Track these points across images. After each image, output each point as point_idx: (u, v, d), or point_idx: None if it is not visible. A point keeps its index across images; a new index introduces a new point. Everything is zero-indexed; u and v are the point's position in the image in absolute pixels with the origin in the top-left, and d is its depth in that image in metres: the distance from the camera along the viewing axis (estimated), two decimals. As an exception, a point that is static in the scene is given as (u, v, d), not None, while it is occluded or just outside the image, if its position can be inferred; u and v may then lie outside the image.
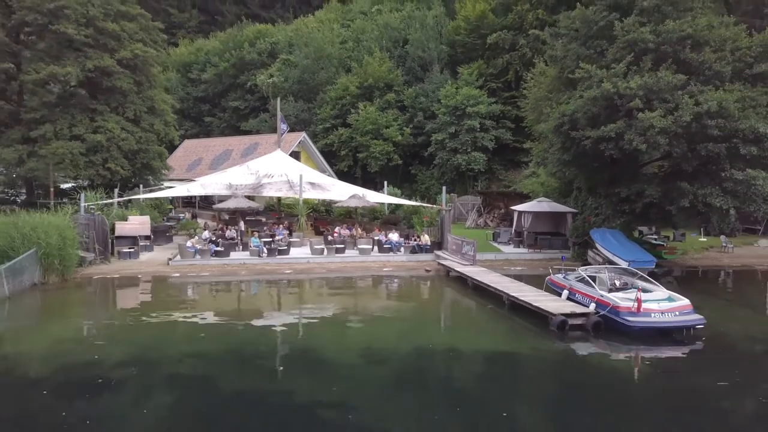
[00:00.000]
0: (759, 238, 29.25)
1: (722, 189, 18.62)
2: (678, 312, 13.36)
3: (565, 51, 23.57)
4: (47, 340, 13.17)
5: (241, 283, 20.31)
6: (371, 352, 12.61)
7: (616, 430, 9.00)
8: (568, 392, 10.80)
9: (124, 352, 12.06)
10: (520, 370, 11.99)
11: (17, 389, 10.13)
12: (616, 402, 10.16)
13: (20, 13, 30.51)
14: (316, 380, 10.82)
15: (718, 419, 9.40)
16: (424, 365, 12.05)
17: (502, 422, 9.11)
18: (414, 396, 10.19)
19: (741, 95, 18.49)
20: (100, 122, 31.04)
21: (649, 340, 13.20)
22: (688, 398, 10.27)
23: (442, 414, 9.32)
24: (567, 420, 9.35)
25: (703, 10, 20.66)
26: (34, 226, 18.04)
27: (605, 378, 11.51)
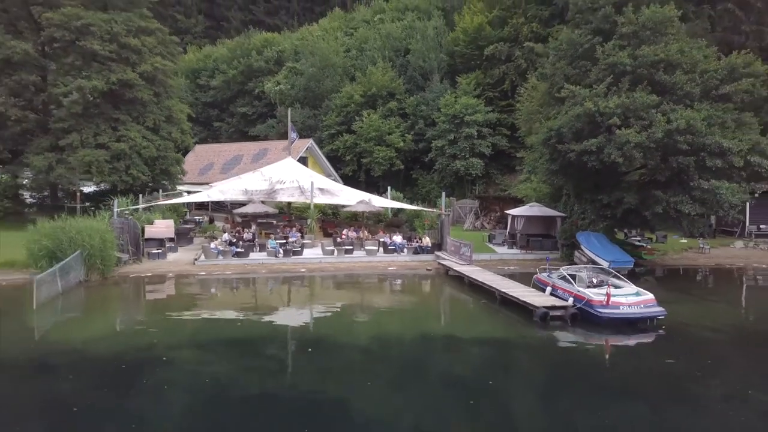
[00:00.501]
0: (735, 240, 31.54)
1: (691, 197, 20.91)
2: (643, 305, 15.64)
3: (553, 69, 25.89)
4: (107, 327, 15.48)
5: (262, 280, 22.58)
6: (382, 338, 14.92)
7: (586, 397, 11.30)
8: (547, 370, 13.13)
9: (176, 337, 14.38)
10: (508, 352, 14.29)
11: (101, 364, 12.45)
12: (587, 377, 12.47)
13: (49, 30, 32.77)
14: (338, 358, 13.13)
15: (660, 384, 11.68)
16: (426, 348, 14.39)
17: (489, 388, 11.42)
18: (417, 371, 12.50)
19: (708, 113, 20.77)
20: (122, 131, 33.32)
21: (618, 329, 15.47)
22: (640, 372, 12.62)
23: (441, 384, 11.62)
24: (545, 389, 11.69)
25: (676, 36, 22.84)
26: (79, 230, 20.32)
27: (579, 358, 13.84)
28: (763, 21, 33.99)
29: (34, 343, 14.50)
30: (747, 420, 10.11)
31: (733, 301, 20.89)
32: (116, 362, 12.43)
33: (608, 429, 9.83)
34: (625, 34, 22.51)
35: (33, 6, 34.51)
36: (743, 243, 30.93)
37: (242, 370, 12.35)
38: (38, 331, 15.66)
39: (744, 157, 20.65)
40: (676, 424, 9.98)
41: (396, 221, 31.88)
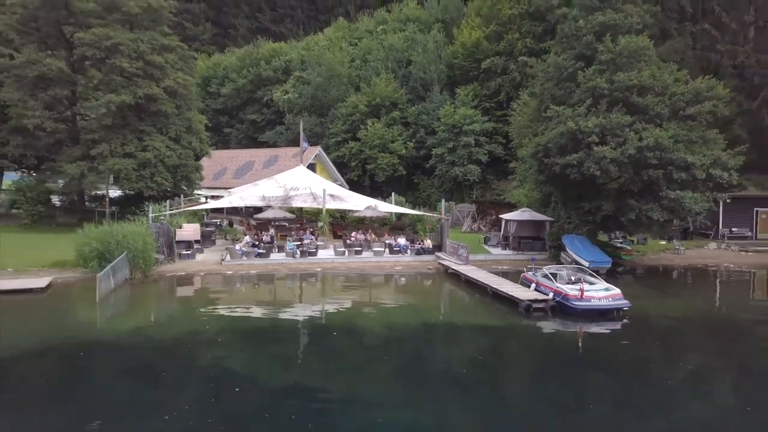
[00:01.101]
0: (709, 241, 34.53)
1: (660, 205, 23.89)
2: (611, 298, 18.58)
3: (542, 89, 28.86)
4: (161, 316, 18.46)
5: (284, 278, 25.50)
6: (392, 324, 17.91)
7: (558, 368, 14.27)
8: (529, 349, 16.13)
9: (221, 324, 17.32)
10: (496, 336, 17.27)
11: (171, 343, 15.41)
12: (562, 356, 15.43)
13: (81, 48, 35.65)
14: (359, 339, 16.14)
15: (614, 360, 14.65)
16: (428, 332, 17.40)
17: (479, 361, 14.40)
18: (422, 349, 15.49)
19: (675, 132, 23.73)
20: (147, 141, 36.17)
21: (590, 318, 18.39)
22: (601, 351, 15.62)
23: (440, 358, 14.59)
24: (526, 363, 14.66)
25: (649, 62, 25.74)
26: (124, 234, 23.25)
27: (555, 341, 16.82)
28: (736, 41, 36.90)
29: (110, 328, 17.51)
30: (674, 383, 13.08)
31: (696, 296, 23.85)
32: (181, 342, 15.41)
33: (572, 389, 12.79)
34: (604, 61, 25.44)
35: (64, 26, 37.41)
36: (716, 244, 33.91)
37: (288, 347, 15.51)
38: (108, 319, 18.65)
39: (706, 170, 23.60)
40: (621, 384, 12.96)
41: (400, 224, 34.84)
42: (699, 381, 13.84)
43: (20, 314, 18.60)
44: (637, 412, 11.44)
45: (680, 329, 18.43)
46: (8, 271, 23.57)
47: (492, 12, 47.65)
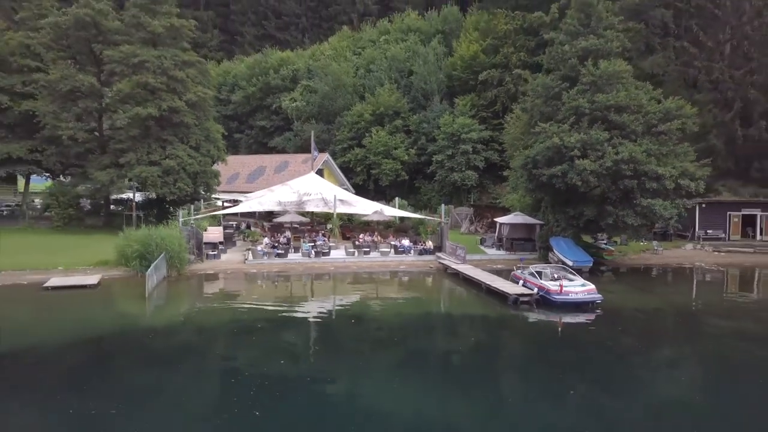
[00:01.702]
0: (686, 242, 37.73)
1: (634, 211, 27.07)
2: (586, 293, 21.74)
3: (532, 105, 32.03)
4: (204, 308, 21.61)
5: (302, 275, 28.67)
6: (400, 313, 21.14)
7: (537, 346, 17.47)
8: (515, 334, 19.30)
9: (257, 314, 20.52)
10: (488, 323, 20.47)
11: (218, 329, 18.60)
12: (542, 340, 18.63)
13: (110, 65, 38.84)
14: (374, 325, 19.33)
15: (582, 342, 17.85)
16: (430, 319, 20.63)
17: (472, 342, 17.61)
18: (425, 333, 18.68)
19: (647, 147, 26.90)
20: (170, 150, 39.25)
21: (568, 310, 21.56)
22: (573, 335, 18.81)
23: (440, 339, 17.78)
24: (512, 344, 17.84)
25: (626, 84, 28.86)
26: (163, 237, 26.39)
27: (537, 328, 20.01)
28: (713, 58, 40.02)
29: (163, 316, 20.77)
30: (626, 359, 16.28)
31: (665, 291, 27.11)
32: (228, 327, 18.65)
33: (547, 363, 15.99)
34: (586, 82, 28.60)
35: (93, 43, 40.58)
36: (692, 245, 37.11)
37: (318, 330, 18.91)
38: (159, 309, 21.94)
39: (675, 180, 26.78)
40: (585, 359, 16.16)
41: (403, 227, 38.00)
42: (646, 357, 17.01)
43: (84, 306, 21.76)
44: (594, 378, 14.65)
45: (643, 318, 21.64)
46: (59, 269, 26.74)
47: (489, 26, 50.81)
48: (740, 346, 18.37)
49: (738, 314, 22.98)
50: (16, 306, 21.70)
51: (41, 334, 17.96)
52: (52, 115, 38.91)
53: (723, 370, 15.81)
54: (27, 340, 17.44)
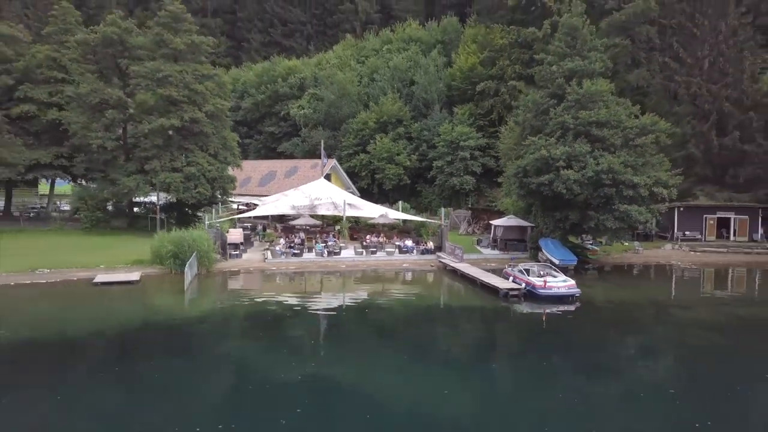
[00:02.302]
0: (666, 243, 41.10)
1: (613, 216, 30.40)
2: (567, 288, 25.07)
3: (524, 119, 35.37)
4: (237, 300, 24.98)
5: (317, 273, 32.01)
6: (406, 304, 24.54)
7: (523, 332, 20.84)
8: (504, 322, 22.66)
9: (284, 305, 23.87)
10: (481, 313, 23.82)
11: (255, 316, 21.94)
12: (527, 327, 21.99)
13: (135, 80, 42.12)
14: (384, 313, 22.68)
15: (560, 329, 21.22)
16: (431, 309, 24.02)
17: (467, 327, 21.00)
18: (428, 320, 22.04)
19: (624, 158, 30.22)
20: (191, 158, 42.55)
21: (550, 302, 24.88)
22: (553, 322, 22.18)
23: (440, 325, 21.17)
24: (501, 330, 21.20)
25: (606, 102, 32.14)
26: (194, 238, 29.72)
27: (526, 318, 23.36)
28: (692, 73, 43.32)
29: (203, 307, 24.10)
30: (595, 341, 19.66)
31: (640, 286, 30.49)
32: (260, 315, 22.04)
33: (530, 344, 19.36)
34: (571, 100, 31.92)
35: (119, 59, 43.86)
36: (671, 245, 40.47)
37: (340, 317, 22.26)
38: (197, 301, 25.33)
39: (649, 188, 30.12)
40: (562, 342, 19.54)
41: (406, 228, 41.34)
42: (615, 341, 20.40)
43: (132, 299, 25.10)
44: (568, 355, 18.03)
45: (615, 309, 25.02)
46: (101, 267, 30.07)
47: (486, 40, 54.13)
48: (699, 334, 21.73)
49: (703, 307, 26.34)
50: (73, 299, 25.01)
51: (105, 322, 21.31)
52: (81, 125, 42.18)
53: (683, 354, 19.21)
54: (93, 326, 20.79)
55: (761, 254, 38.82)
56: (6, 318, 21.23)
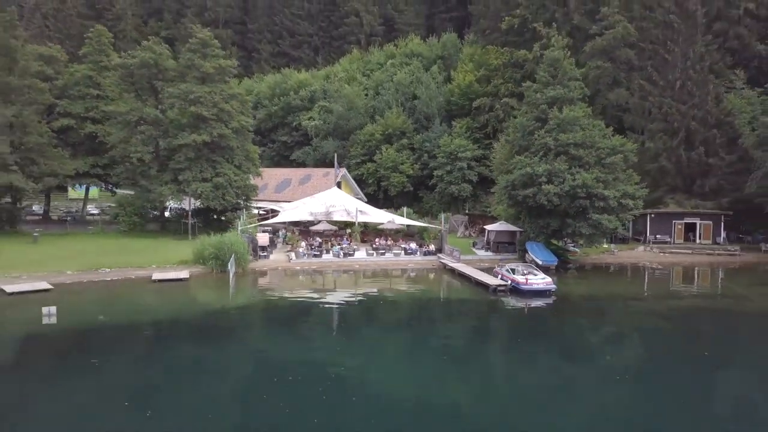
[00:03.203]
0: (639, 245, 46.57)
1: (587, 224, 35.84)
2: (545, 284, 30.48)
3: (513, 138, 40.78)
4: (275, 293, 30.42)
5: (336, 271, 37.40)
6: (411, 297, 30.04)
7: (508, 319, 26.32)
8: (492, 311, 28.17)
9: (315, 297, 29.29)
10: (474, 304, 29.31)
11: (294, 306, 27.36)
12: (512, 315, 27.46)
13: (169, 100, 47.42)
14: (394, 304, 28.20)
15: (538, 316, 26.70)
16: (433, 301, 29.48)
17: (462, 316, 26.52)
18: (430, 310, 27.55)
19: (597, 174, 35.63)
20: (219, 169, 47.88)
21: (531, 296, 30.28)
22: (534, 311, 27.66)
23: (440, 313, 26.69)
24: (490, 317, 26.71)
25: (582, 126, 37.48)
26: (232, 242, 35.09)
27: (511, 308, 28.85)
28: (664, 94, 48.71)
29: (249, 299, 29.50)
30: (566, 326, 25.14)
31: (610, 282, 35.95)
32: (295, 305, 27.47)
33: (514, 328, 24.82)
34: (553, 124, 37.32)
35: (154, 81, 49.19)
36: (644, 248, 45.95)
37: (358, 308, 27.56)
38: (241, 295, 30.66)
39: (618, 200, 35.55)
40: (540, 326, 25.00)
41: (410, 232, 46.75)
42: (578, 326, 25.85)
43: (187, 293, 30.47)
44: (543, 338, 23.50)
45: (585, 301, 30.48)
46: (153, 267, 35.41)
47: (482, 60, 59.54)
48: (654, 321, 27.09)
49: (662, 299, 31.78)
50: (141, 293, 30.36)
51: (175, 310, 26.74)
52: (120, 139, 47.53)
53: (637, 337, 24.67)
54: (167, 313, 26.22)
55: (721, 255, 44.35)
56: (100, 307, 26.57)
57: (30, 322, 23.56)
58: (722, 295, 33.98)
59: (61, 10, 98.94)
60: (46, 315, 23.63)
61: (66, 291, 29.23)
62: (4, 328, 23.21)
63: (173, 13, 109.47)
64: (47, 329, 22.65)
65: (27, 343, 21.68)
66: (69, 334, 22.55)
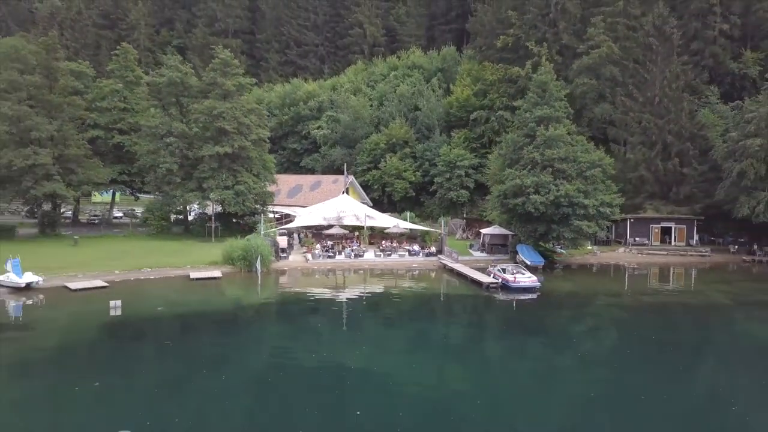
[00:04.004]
0: (620, 247, 51.57)
1: (570, 229, 40.82)
2: (531, 282, 35.42)
3: (506, 152, 45.72)
4: (300, 289, 35.41)
5: (348, 270, 42.32)
6: (415, 292, 35.01)
7: (499, 310, 31.35)
8: (485, 304, 33.19)
9: (328, 292, 34.26)
10: (469, 298, 34.32)
11: (309, 300, 32.35)
12: (501, 306, 32.49)
13: (195, 115, 52.29)
14: (401, 297, 33.21)
15: (524, 309, 31.72)
16: (433, 296, 34.51)
17: (458, 308, 31.56)
18: (431, 302, 32.58)
19: (578, 186, 40.59)
20: (239, 177, 52.77)
21: (519, 292, 35.21)
22: (521, 304, 32.69)
23: (439, 306, 31.72)
24: (483, 310, 31.76)
25: (566, 142, 42.39)
26: (258, 245, 40.01)
27: (502, 303, 33.85)
28: (643, 109, 53.62)
29: (279, 294, 34.42)
30: (548, 317, 30.16)
31: (590, 280, 40.93)
32: (317, 298, 32.47)
33: (503, 318, 29.83)
34: (540, 141, 42.25)
35: (180, 97, 54.08)
36: (624, 249, 50.95)
37: (370, 301, 32.45)
38: (272, 289, 35.58)
39: (596, 208, 40.52)
40: (527, 317, 30.02)
41: (413, 235, 51.71)
42: (558, 317, 30.81)
43: (224, 289, 35.38)
44: (527, 327, 28.51)
45: (566, 297, 35.46)
46: (188, 266, 40.31)
47: (478, 75, 64.41)
48: (620, 312, 32.13)
49: (633, 295, 36.79)
50: (184, 289, 35.23)
51: (217, 303, 31.68)
52: (150, 150, 52.40)
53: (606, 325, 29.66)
54: (210, 306, 31.14)
55: (693, 256, 49.38)
56: (153, 301, 31.48)
57: (100, 313, 28.41)
58: (683, 292, 39.23)
59: (78, 21, 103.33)
60: (112, 307, 28.47)
61: (119, 287, 34.05)
62: (82, 318, 28.12)
63: (184, 22, 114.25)
64: (116, 319, 27.52)
65: (107, 329, 26.58)
66: (136, 323, 27.48)
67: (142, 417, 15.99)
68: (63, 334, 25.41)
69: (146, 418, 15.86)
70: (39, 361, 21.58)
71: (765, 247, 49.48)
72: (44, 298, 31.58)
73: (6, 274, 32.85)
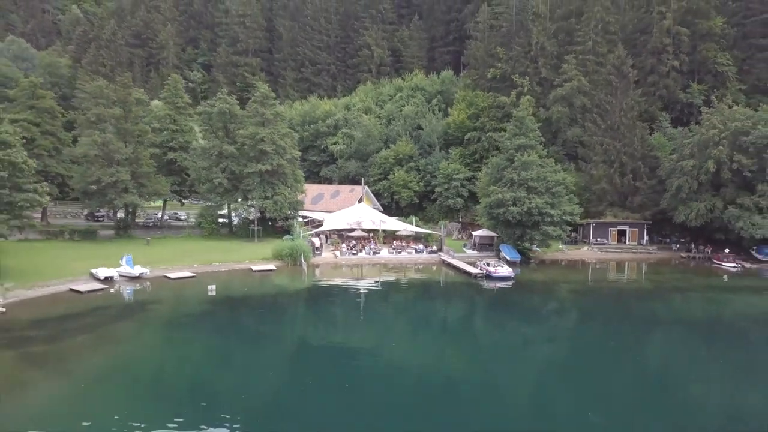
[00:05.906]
0: (584, 246, 63.97)
1: (540, 233, 53.17)
2: (508, 273, 47.77)
3: (491, 171, 58.04)
4: (340, 278, 47.84)
5: (369, 264, 54.55)
6: (421, 281, 47.42)
7: (483, 297, 43.79)
8: (472, 291, 45.62)
9: (356, 280, 46.61)
10: (460, 286, 46.71)
11: (344, 286, 44.72)
12: (483, 292, 44.91)
13: (240, 139, 64.38)
14: (411, 286, 45.62)
15: (503, 294, 44.17)
16: (433, 284, 47.07)
17: (451, 293, 44.07)
18: (431, 289, 45.09)
19: (545, 200, 52.89)
20: (277, 190, 64.90)
21: (498, 281, 47.47)
22: (500, 291, 45.13)
23: (437, 291, 44.21)
24: (471, 295, 44.27)
25: (538, 166, 54.56)
26: (299, 245, 52.28)
27: (485, 288, 46.25)
28: (604, 134, 65.94)
29: (320, 282, 46.83)
30: (522, 301, 42.60)
31: (557, 272, 53.33)
32: (349, 285, 44.88)
33: (486, 301, 42.27)
34: (517, 165, 54.52)
35: (228, 123, 66.25)
36: (587, 248, 63.35)
37: (389, 286, 44.82)
38: (317, 278, 47.92)
39: (561, 217, 52.87)
40: (503, 301, 42.45)
41: (418, 236, 64.09)
42: (528, 300, 43.15)
43: (280, 279, 47.58)
44: (504, 306, 40.92)
45: (536, 284, 47.83)
46: (247, 261, 52.51)
47: (472, 101, 76.64)
48: (577, 297, 44.46)
49: (588, 283, 49.15)
50: (250, 279, 47.36)
51: (279, 288, 43.95)
52: (203, 168, 64.55)
53: (568, 307, 42.01)
54: (275, 289, 43.40)
55: (643, 253, 61.79)
56: (236, 285, 43.63)
57: (201, 293, 40.59)
58: (628, 281, 51.71)
59: (113, 41, 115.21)
60: (210, 290, 40.68)
61: (202, 277, 46.27)
62: (191, 297, 40.31)
63: (208, 42, 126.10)
64: (215, 298, 39.70)
65: (213, 303, 38.75)
66: (231, 299, 39.73)
67: (264, 342, 28.49)
68: (185, 306, 37.74)
69: (268, 341, 28.36)
70: (185, 320, 33.95)
71: (700, 246, 61.90)
72: (151, 284, 43.71)
73: (123, 267, 45.00)
